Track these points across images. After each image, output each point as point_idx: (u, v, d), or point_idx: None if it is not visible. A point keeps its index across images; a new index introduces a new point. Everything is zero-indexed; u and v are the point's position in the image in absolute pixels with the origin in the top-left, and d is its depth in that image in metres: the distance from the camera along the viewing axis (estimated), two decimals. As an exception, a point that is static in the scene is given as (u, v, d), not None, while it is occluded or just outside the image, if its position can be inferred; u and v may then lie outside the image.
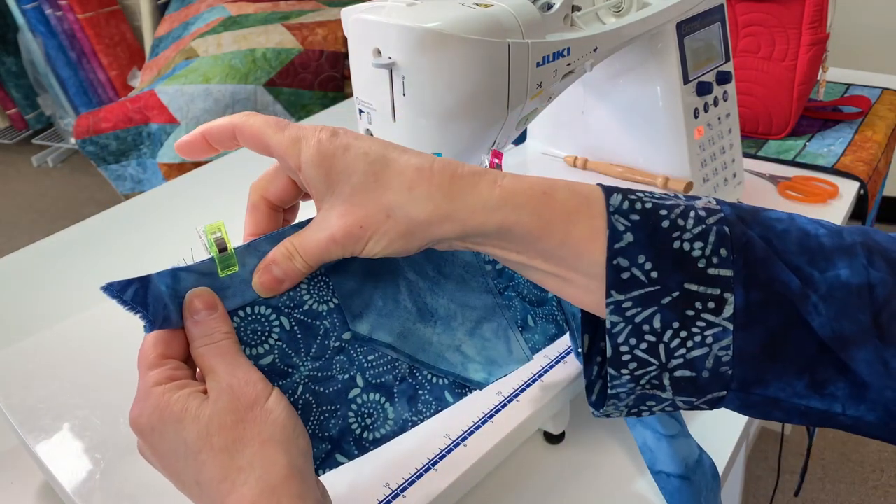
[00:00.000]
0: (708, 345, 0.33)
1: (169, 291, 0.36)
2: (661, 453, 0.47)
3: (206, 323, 0.36)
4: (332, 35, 2.02)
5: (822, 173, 0.94)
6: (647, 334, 0.33)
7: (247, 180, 0.43)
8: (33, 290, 0.78)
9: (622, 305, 0.33)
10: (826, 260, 0.33)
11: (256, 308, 0.38)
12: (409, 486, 0.42)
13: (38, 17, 2.59)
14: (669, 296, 0.33)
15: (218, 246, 0.37)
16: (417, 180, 0.34)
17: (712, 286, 0.32)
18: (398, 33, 0.50)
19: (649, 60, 0.70)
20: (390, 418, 0.41)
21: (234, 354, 0.36)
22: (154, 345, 0.36)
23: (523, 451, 0.54)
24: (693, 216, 0.33)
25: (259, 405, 0.34)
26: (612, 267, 0.33)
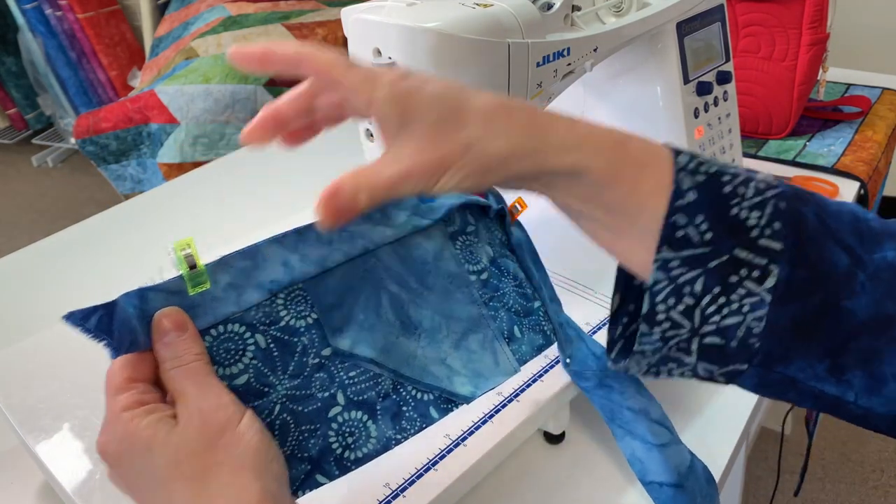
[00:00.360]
0: (743, 313, 0.33)
1: (137, 312, 0.35)
2: (652, 463, 0.46)
3: (176, 344, 0.35)
4: (332, 35, 2.02)
5: (822, 173, 0.94)
6: (686, 296, 0.33)
7: (247, 180, 0.43)
8: (33, 290, 0.78)
9: (669, 264, 0.33)
10: (876, 242, 0.34)
11: (230, 326, 0.37)
12: (409, 486, 0.42)
13: (38, 17, 2.59)
14: (718, 259, 0.33)
15: (188, 263, 0.36)
16: (497, 117, 0.34)
17: (761, 256, 0.33)
18: (398, 33, 0.50)
19: (649, 60, 0.70)
20: (373, 437, 0.39)
21: (205, 376, 0.35)
22: (122, 367, 0.34)
23: (523, 451, 0.54)
24: (753, 187, 0.33)
25: (230, 430, 0.33)
26: (669, 223, 0.33)
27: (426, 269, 0.45)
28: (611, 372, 0.46)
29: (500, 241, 0.50)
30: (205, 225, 0.89)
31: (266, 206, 0.91)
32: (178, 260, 0.36)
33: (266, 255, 0.40)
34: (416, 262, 0.45)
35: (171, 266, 0.36)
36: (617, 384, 0.46)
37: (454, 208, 0.47)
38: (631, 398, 0.47)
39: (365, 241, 0.43)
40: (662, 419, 0.48)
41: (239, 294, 0.38)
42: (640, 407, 0.47)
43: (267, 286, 0.39)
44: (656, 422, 0.47)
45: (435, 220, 0.46)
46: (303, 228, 0.41)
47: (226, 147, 1.93)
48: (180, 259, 0.36)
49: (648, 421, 0.47)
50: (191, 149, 1.91)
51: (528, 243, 0.51)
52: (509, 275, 0.49)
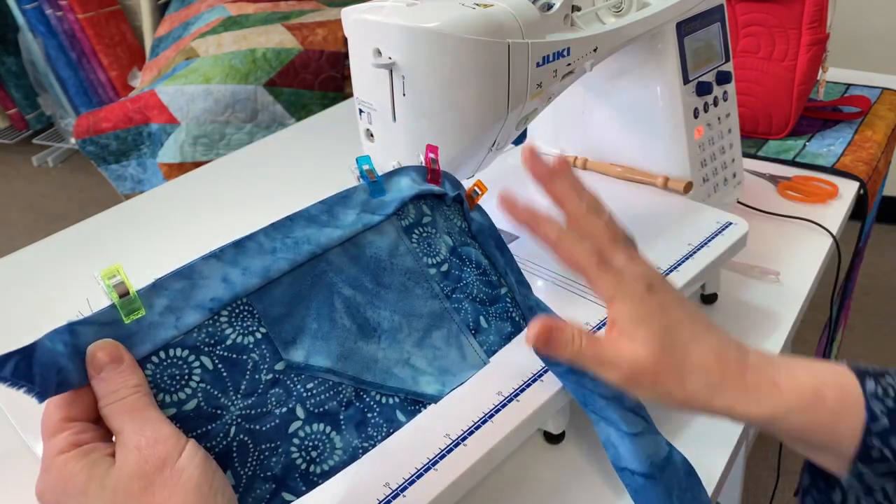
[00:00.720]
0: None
1: (68, 350, 0.33)
2: (624, 450, 0.46)
3: (112, 378, 0.33)
4: (332, 35, 2.02)
5: (821, 173, 0.94)
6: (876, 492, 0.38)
7: (247, 180, 0.43)
8: (33, 290, 0.78)
9: (863, 475, 0.38)
10: None
11: (172, 351, 0.35)
12: (409, 486, 0.42)
13: (39, 17, 2.59)
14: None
15: (118, 291, 0.34)
16: (715, 367, 0.40)
17: None
18: (398, 33, 0.50)
19: (649, 60, 0.70)
20: (338, 448, 0.38)
21: (143, 410, 0.33)
22: (57, 407, 0.33)
23: (523, 451, 0.54)
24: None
25: (169, 466, 0.31)
26: (864, 446, 0.37)
27: (381, 268, 0.43)
28: None
29: (459, 229, 0.47)
30: (205, 225, 0.89)
31: (266, 206, 0.91)
32: (108, 289, 0.34)
33: (203, 273, 0.37)
34: (369, 261, 0.43)
35: (101, 295, 0.34)
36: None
37: (406, 200, 0.44)
38: (603, 385, 0.46)
39: (311, 246, 0.41)
40: (637, 408, 0.47)
41: (178, 317, 0.36)
42: (612, 394, 0.46)
43: (207, 305, 0.37)
44: (630, 410, 0.46)
45: (386, 214, 0.44)
46: (241, 240, 0.39)
47: (226, 147, 1.93)
48: (109, 288, 0.34)
49: (622, 409, 0.46)
50: (191, 149, 1.91)
51: (491, 227, 0.48)
52: (472, 263, 0.47)
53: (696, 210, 0.70)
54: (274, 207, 0.94)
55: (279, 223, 0.41)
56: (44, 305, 0.75)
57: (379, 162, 0.58)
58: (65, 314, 0.58)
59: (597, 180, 0.77)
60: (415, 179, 0.46)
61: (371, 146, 0.58)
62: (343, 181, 0.75)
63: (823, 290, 0.87)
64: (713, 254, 0.63)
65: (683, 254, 0.62)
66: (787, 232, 0.83)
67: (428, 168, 0.46)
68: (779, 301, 0.72)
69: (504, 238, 0.50)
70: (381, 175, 0.45)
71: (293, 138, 1.17)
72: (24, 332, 0.58)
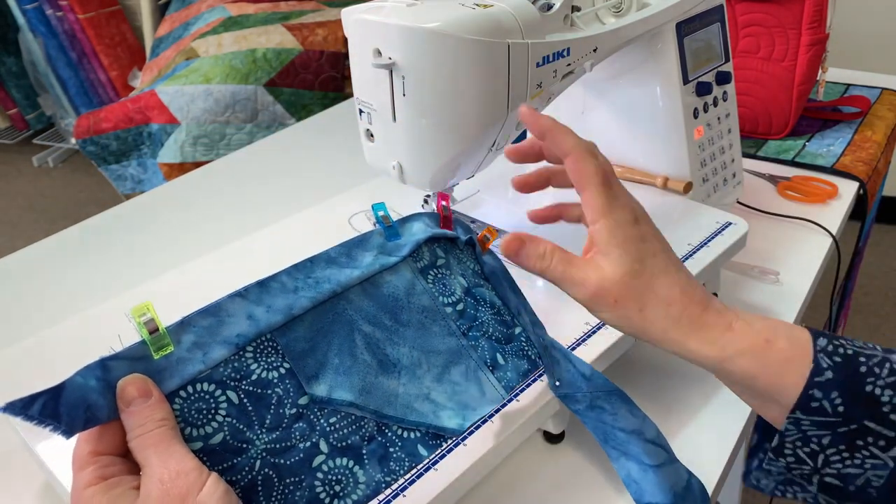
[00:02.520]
0: (864, 468, 0.37)
1: (100, 384, 0.34)
2: (648, 484, 0.46)
3: (141, 412, 0.34)
4: (332, 35, 2.02)
5: (821, 173, 0.94)
6: (812, 444, 0.38)
7: (247, 180, 0.43)
8: (33, 290, 0.78)
9: (801, 422, 0.38)
10: None
11: (199, 385, 0.36)
12: (409, 486, 0.42)
13: (39, 17, 2.59)
14: (847, 427, 0.37)
15: (148, 328, 0.35)
16: (678, 301, 0.41)
17: (890, 429, 0.37)
18: (398, 33, 0.50)
19: (649, 61, 0.70)
20: (361, 482, 0.39)
21: (168, 443, 0.34)
22: (86, 441, 0.34)
23: (523, 451, 0.54)
24: (888, 367, 0.38)
25: (190, 498, 0.32)
26: (805, 395, 0.38)
27: (399, 306, 0.45)
28: (601, 392, 0.46)
29: (472, 271, 0.50)
30: (205, 225, 0.89)
31: (266, 206, 0.91)
32: (139, 326, 0.35)
33: (229, 311, 0.39)
34: (387, 299, 0.45)
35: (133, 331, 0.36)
36: (608, 405, 0.46)
37: (421, 243, 0.47)
38: (623, 419, 0.46)
39: (332, 285, 0.43)
40: (657, 438, 0.47)
41: (205, 352, 0.37)
42: (633, 428, 0.46)
43: (233, 341, 0.38)
44: (651, 442, 0.46)
45: (402, 256, 0.46)
46: (265, 280, 0.41)
47: (226, 147, 1.93)
48: (140, 325, 0.35)
49: (643, 441, 0.46)
50: (191, 149, 1.91)
51: (503, 270, 0.50)
52: (486, 303, 0.49)
53: (695, 210, 0.70)
54: (274, 208, 0.94)
55: (300, 264, 0.43)
56: (44, 305, 0.75)
57: (379, 162, 0.58)
58: (65, 313, 0.58)
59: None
60: (428, 224, 0.49)
61: (371, 146, 0.58)
62: (343, 181, 0.75)
63: (823, 290, 0.88)
64: (713, 254, 0.63)
65: (683, 254, 0.62)
66: (787, 232, 0.83)
67: (440, 215, 0.49)
68: (778, 301, 0.72)
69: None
70: (395, 220, 0.48)
71: (293, 138, 1.17)
72: (25, 332, 0.58)
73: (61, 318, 0.57)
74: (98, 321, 0.57)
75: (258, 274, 0.42)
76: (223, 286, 0.41)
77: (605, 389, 0.46)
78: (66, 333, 0.56)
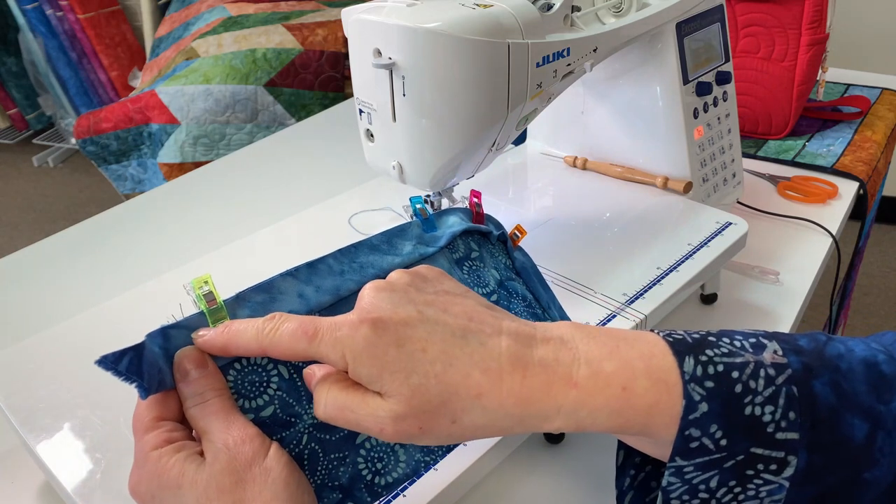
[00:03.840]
0: (760, 498, 0.33)
1: (161, 352, 0.35)
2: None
3: (197, 382, 0.35)
4: (332, 35, 2.02)
5: (821, 173, 0.94)
6: (701, 492, 0.33)
7: (247, 180, 0.43)
8: (33, 290, 0.78)
9: (683, 470, 0.33)
10: (890, 391, 0.33)
11: (253, 358, 0.37)
12: (409, 486, 0.42)
13: (39, 17, 2.59)
14: (733, 460, 0.33)
15: (206, 300, 0.36)
16: (486, 387, 0.33)
17: (778, 450, 0.33)
18: (398, 33, 0.50)
19: (649, 61, 0.70)
20: (402, 461, 0.40)
21: (228, 412, 0.35)
22: (149, 407, 0.35)
23: (523, 451, 0.54)
24: (763, 376, 0.33)
25: (258, 463, 0.33)
26: (682, 436, 0.33)
27: None
28: None
29: (504, 265, 0.51)
30: (205, 225, 0.89)
31: (266, 206, 0.91)
32: (198, 297, 0.36)
33: (281, 289, 0.40)
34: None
35: (191, 303, 0.37)
36: None
37: (456, 235, 0.48)
38: None
39: (375, 270, 0.44)
40: None
41: None
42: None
43: None
44: None
45: (439, 247, 0.48)
46: (314, 261, 0.42)
47: (226, 147, 1.93)
48: (199, 297, 0.36)
49: None
50: (191, 149, 1.91)
51: (533, 267, 0.52)
52: (518, 296, 0.50)
53: (695, 210, 0.70)
54: (274, 207, 0.94)
55: (345, 249, 0.45)
56: (44, 305, 0.75)
57: (379, 162, 0.58)
58: (65, 313, 0.58)
59: (597, 180, 0.77)
60: (462, 218, 0.50)
61: (371, 146, 0.58)
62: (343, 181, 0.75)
63: (823, 290, 0.88)
64: (713, 254, 0.63)
65: (683, 254, 0.62)
66: (787, 232, 0.83)
67: (472, 211, 0.51)
68: (778, 301, 0.72)
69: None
70: (432, 213, 0.50)
71: (293, 138, 1.17)
72: (24, 332, 0.58)
73: (61, 318, 0.57)
74: (98, 321, 0.57)
75: (258, 274, 0.42)
76: (223, 286, 0.41)
77: None
78: (67, 333, 0.56)
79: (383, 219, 0.69)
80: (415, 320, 0.34)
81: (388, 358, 0.33)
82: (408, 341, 0.33)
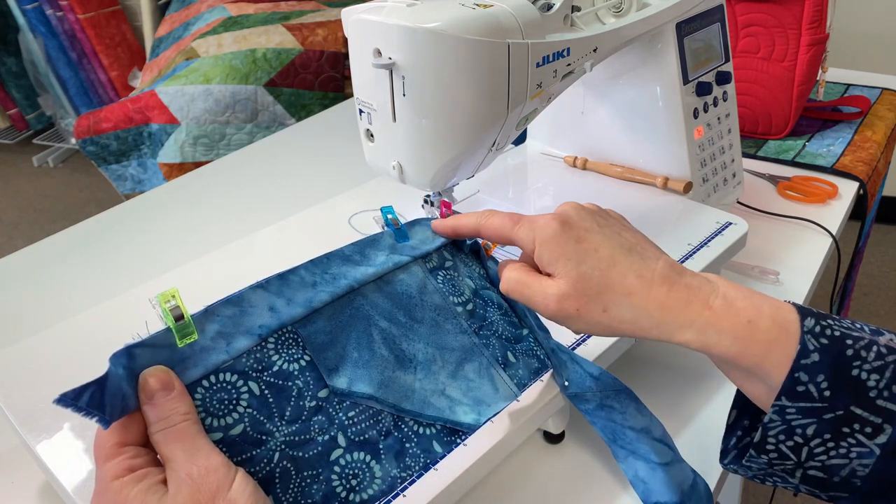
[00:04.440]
0: (850, 458, 0.36)
1: (126, 372, 0.34)
2: (656, 483, 0.46)
3: (163, 405, 0.34)
4: (332, 35, 2.02)
5: (821, 173, 0.94)
6: (797, 436, 0.37)
7: (247, 180, 0.43)
8: (33, 290, 0.78)
9: (786, 410, 0.37)
10: None
11: (222, 375, 0.36)
12: (409, 486, 0.42)
13: (39, 17, 2.59)
14: (833, 413, 0.36)
15: (174, 315, 0.35)
16: (637, 288, 0.40)
17: (876, 415, 0.36)
18: (398, 33, 0.50)
19: (649, 61, 0.70)
20: (377, 477, 0.39)
21: (194, 438, 0.33)
22: (110, 432, 0.33)
23: (523, 451, 0.54)
24: (875, 351, 0.36)
25: (222, 495, 0.32)
26: (791, 377, 0.36)
27: (412, 303, 0.46)
28: (610, 392, 0.46)
29: (478, 275, 0.51)
30: (205, 225, 0.89)
31: (266, 206, 0.91)
32: (164, 312, 0.35)
33: (252, 301, 0.39)
34: (401, 297, 0.46)
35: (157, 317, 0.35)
36: (618, 404, 0.46)
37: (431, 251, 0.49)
38: (632, 417, 0.46)
39: (348, 281, 0.44)
40: (664, 437, 0.47)
41: (228, 342, 0.37)
42: (641, 426, 0.46)
43: (256, 331, 0.38)
44: (658, 440, 0.46)
45: (413, 256, 0.47)
46: (285, 273, 0.42)
47: (226, 147, 1.93)
48: (166, 311, 0.35)
49: (651, 440, 0.46)
50: (191, 149, 1.91)
51: None
52: (494, 304, 0.50)
53: (695, 210, 0.70)
54: (274, 207, 0.94)
55: (316, 260, 0.44)
56: (44, 305, 0.75)
57: (379, 162, 0.58)
58: (65, 313, 0.58)
59: (597, 180, 0.77)
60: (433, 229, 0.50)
61: (371, 146, 0.58)
62: (343, 181, 0.76)
63: (823, 290, 0.88)
64: (713, 254, 0.63)
65: (683, 254, 0.62)
66: (787, 232, 0.83)
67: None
68: (778, 301, 0.72)
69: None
70: (403, 223, 0.49)
71: (293, 138, 1.17)
72: (24, 332, 0.58)
73: (61, 317, 0.57)
74: (98, 321, 0.57)
75: (258, 274, 0.42)
76: (223, 286, 0.41)
77: (614, 388, 0.46)
78: (67, 333, 0.56)
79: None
80: (594, 229, 0.42)
81: (567, 248, 0.41)
82: (585, 241, 0.42)
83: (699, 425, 0.57)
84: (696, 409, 0.58)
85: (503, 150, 0.60)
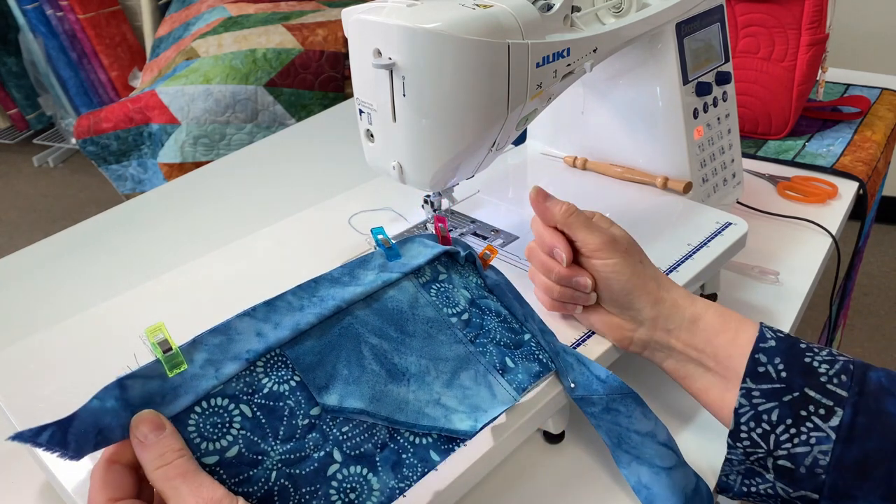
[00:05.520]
0: (811, 445, 0.41)
1: (118, 404, 0.35)
2: (660, 487, 0.46)
3: (157, 444, 0.35)
4: (332, 35, 2.02)
5: (821, 173, 0.94)
6: (764, 422, 0.42)
7: (247, 180, 0.43)
8: (33, 290, 0.78)
9: (752, 393, 0.43)
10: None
11: (213, 401, 0.37)
12: (409, 487, 0.42)
13: (39, 17, 2.59)
14: (790, 395, 0.42)
15: (162, 348, 0.36)
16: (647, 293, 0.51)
17: (827, 398, 0.41)
18: (398, 33, 0.50)
19: (649, 61, 0.70)
20: (375, 489, 0.39)
21: (194, 472, 0.34)
22: (101, 489, 0.34)
23: (523, 451, 0.54)
24: (827, 352, 0.43)
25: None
26: (753, 359, 0.43)
27: (404, 318, 0.46)
28: (617, 395, 0.46)
29: (476, 284, 0.51)
30: (205, 225, 0.89)
31: (266, 206, 0.91)
32: (153, 346, 0.36)
33: (238, 329, 0.40)
34: (391, 312, 0.46)
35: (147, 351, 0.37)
36: (624, 408, 0.46)
37: (423, 265, 0.49)
38: (638, 421, 0.46)
39: (336, 301, 0.44)
40: (669, 441, 0.47)
41: (217, 368, 0.38)
42: (647, 430, 0.46)
43: (244, 356, 0.39)
44: (663, 444, 0.47)
45: (403, 272, 0.48)
46: (272, 299, 0.42)
47: (226, 147, 1.93)
48: (154, 345, 0.36)
49: (656, 444, 0.46)
50: (191, 149, 1.91)
51: (507, 283, 0.52)
52: (492, 312, 0.50)
53: (695, 210, 0.70)
54: (274, 208, 0.94)
55: (305, 285, 0.45)
56: (44, 305, 0.75)
57: (379, 162, 0.59)
58: (65, 313, 0.58)
59: (597, 180, 0.77)
60: (426, 245, 0.50)
61: (371, 146, 0.58)
62: (343, 181, 0.76)
63: (823, 290, 0.88)
64: (713, 254, 0.63)
65: (683, 254, 0.62)
66: (787, 232, 0.83)
67: (438, 235, 0.51)
68: (778, 301, 0.72)
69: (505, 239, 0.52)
70: (395, 243, 0.50)
71: (293, 138, 1.17)
72: (24, 332, 0.58)
73: (61, 317, 0.57)
74: (98, 321, 0.57)
75: (258, 274, 0.42)
76: (223, 286, 0.41)
77: (620, 392, 0.46)
78: (67, 333, 0.56)
79: (383, 219, 0.69)
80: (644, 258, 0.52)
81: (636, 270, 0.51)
82: (646, 262, 0.52)
83: (699, 426, 0.57)
84: (696, 410, 0.58)
85: (503, 151, 0.60)
